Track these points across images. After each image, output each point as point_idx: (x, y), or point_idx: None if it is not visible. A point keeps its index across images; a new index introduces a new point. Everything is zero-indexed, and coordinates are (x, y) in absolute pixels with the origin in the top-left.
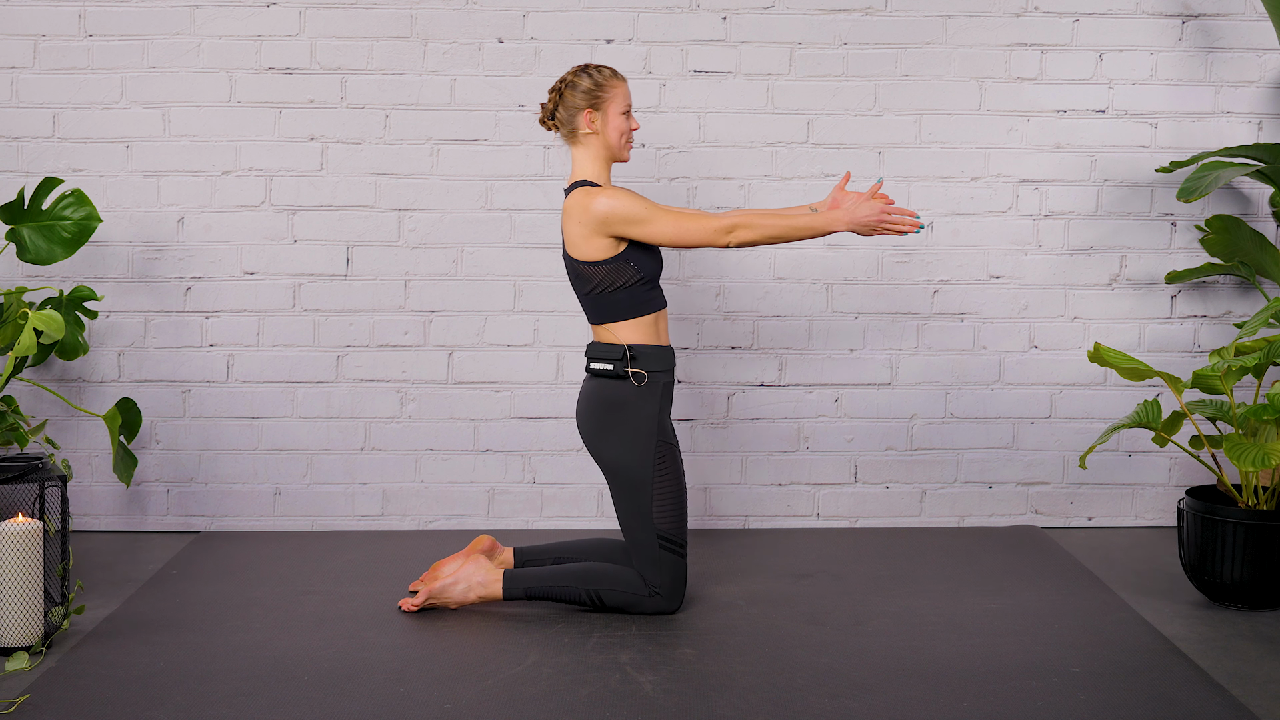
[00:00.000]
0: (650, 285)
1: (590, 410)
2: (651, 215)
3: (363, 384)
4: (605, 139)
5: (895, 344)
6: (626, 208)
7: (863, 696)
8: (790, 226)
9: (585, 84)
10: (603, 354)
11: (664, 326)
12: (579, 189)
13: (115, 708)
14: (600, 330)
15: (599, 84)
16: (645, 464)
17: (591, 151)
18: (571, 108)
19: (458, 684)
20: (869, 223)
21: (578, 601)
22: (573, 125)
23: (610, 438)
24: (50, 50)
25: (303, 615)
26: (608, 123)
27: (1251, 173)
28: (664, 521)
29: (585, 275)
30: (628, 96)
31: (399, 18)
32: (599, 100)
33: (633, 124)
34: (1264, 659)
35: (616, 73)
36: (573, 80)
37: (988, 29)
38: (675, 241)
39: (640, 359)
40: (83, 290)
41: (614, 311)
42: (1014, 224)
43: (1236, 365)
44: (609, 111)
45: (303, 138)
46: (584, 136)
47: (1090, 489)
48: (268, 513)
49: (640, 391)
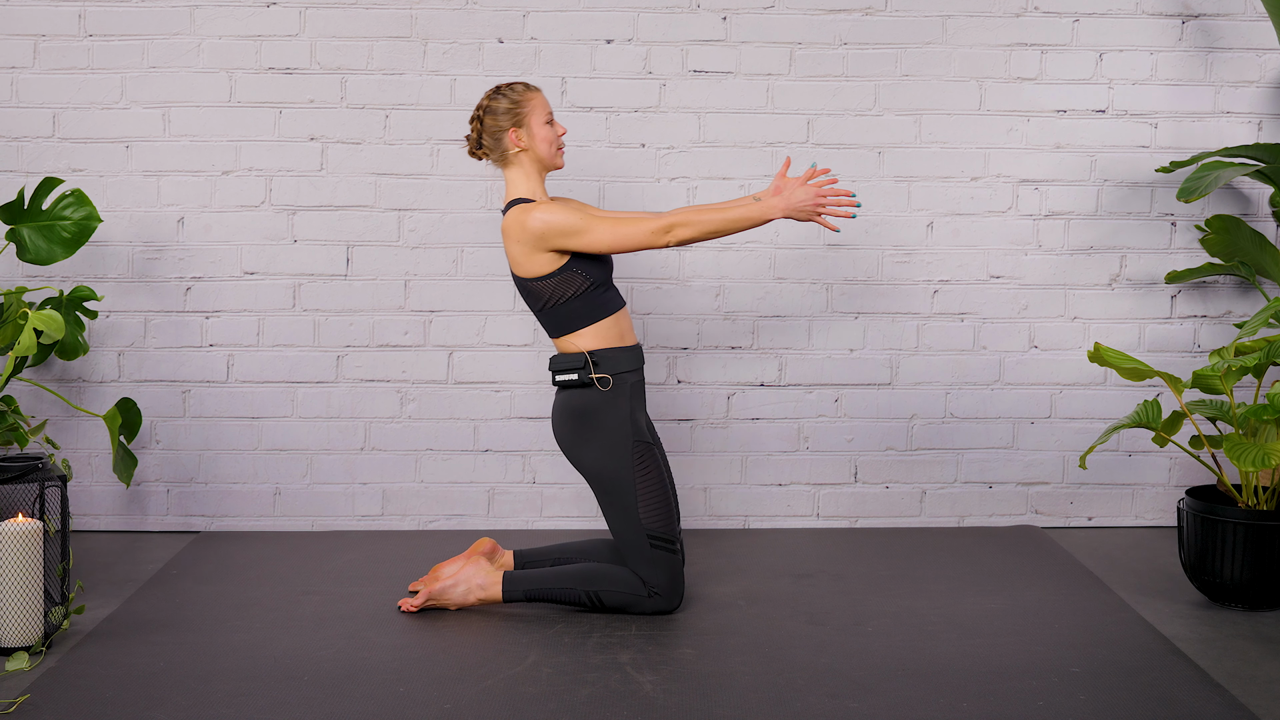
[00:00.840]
0: (602, 289)
1: (563, 422)
2: (587, 225)
3: (363, 384)
4: (535, 152)
5: (895, 344)
6: (562, 220)
7: (863, 696)
8: (728, 219)
9: (503, 105)
10: (565, 365)
11: (626, 325)
12: (514, 207)
13: (115, 708)
14: (562, 342)
15: (516, 101)
16: (625, 466)
17: (524, 168)
18: (495, 131)
19: (458, 684)
20: (805, 207)
21: (578, 603)
22: (501, 148)
23: (587, 446)
24: (50, 50)
25: (303, 615)
26: (534, 135)
27: (1251, 173)
28: (652, 520)
29: (535, 291)
30: (546, 105)
31: (399, 18)
32: (520, 116)
33: (559, 129)
34: (1264, 659)
35: (529, 85)
36: (489, 105)
37: (988, 29)
38: (614, 248)
39: (604, 363)
40: (83, 290)
41: (571, 322)
42: (1014, 224)
43: (1236, 365)
44: (532, 124)
45: (303, 138)
46: (514, 156)
47: (1090, 489)
48: (268, 513)
49: (608, 396)
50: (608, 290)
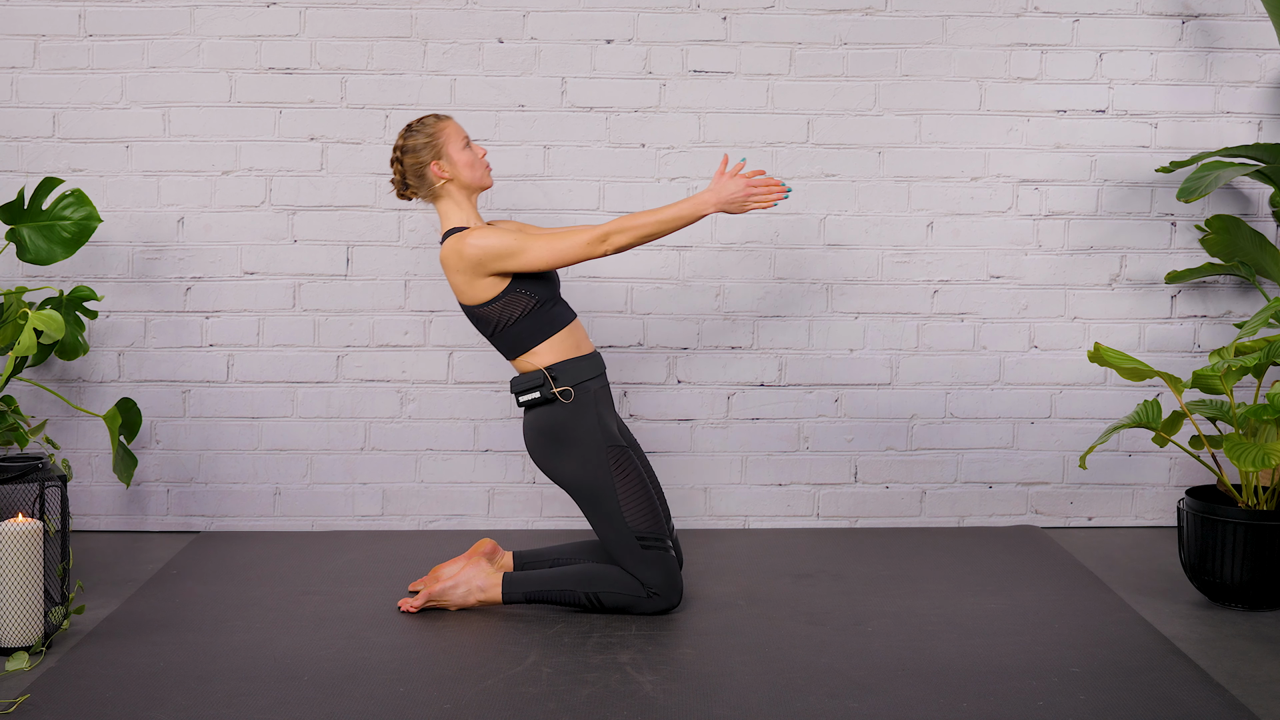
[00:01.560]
0: (550, 305)
1: (535, 441)
2: (523, 246)
3: (363, 384)
4: (460, 179)
5: (895, 344)
6: (497, 244)
7: (863, 696)
8: (662, 220)
9: (418, 140)
10: (526, 385)
11: (581, 335)
12: (449, 238)
13: (115, 708)
14: (518, 362)
15: (431, 134)
16: (603, 473)
17: (453, 198)
18: (417, 168)
19: (458, 684)
20: (736, 199)
21: (577, 604)
22: (427, 183)
23: (562, 460)
24: (50, 50)
25: (303, 615)
26: (455, 163)
27: (1251, 173)
28: (638, 522)
29: (483, 317)
30: (460, 130)
31: (399, 18)
32: (438, 148)
33: (478, 151)
34: (1264, 659)
35: (440, 115)
36: (403, 144)
37: (988, 29)
38: (552, 264)
39: (563, 375)
40: (83, 290)
41: (523, 342)
42: (1014, 224)
43: (1236, 365)
44: (451, 153)
45: (303, 138)
46: (441, 188)
47: (1090, 489)
48: (268, 513)
49: (574, 408)
50: (556, 305)
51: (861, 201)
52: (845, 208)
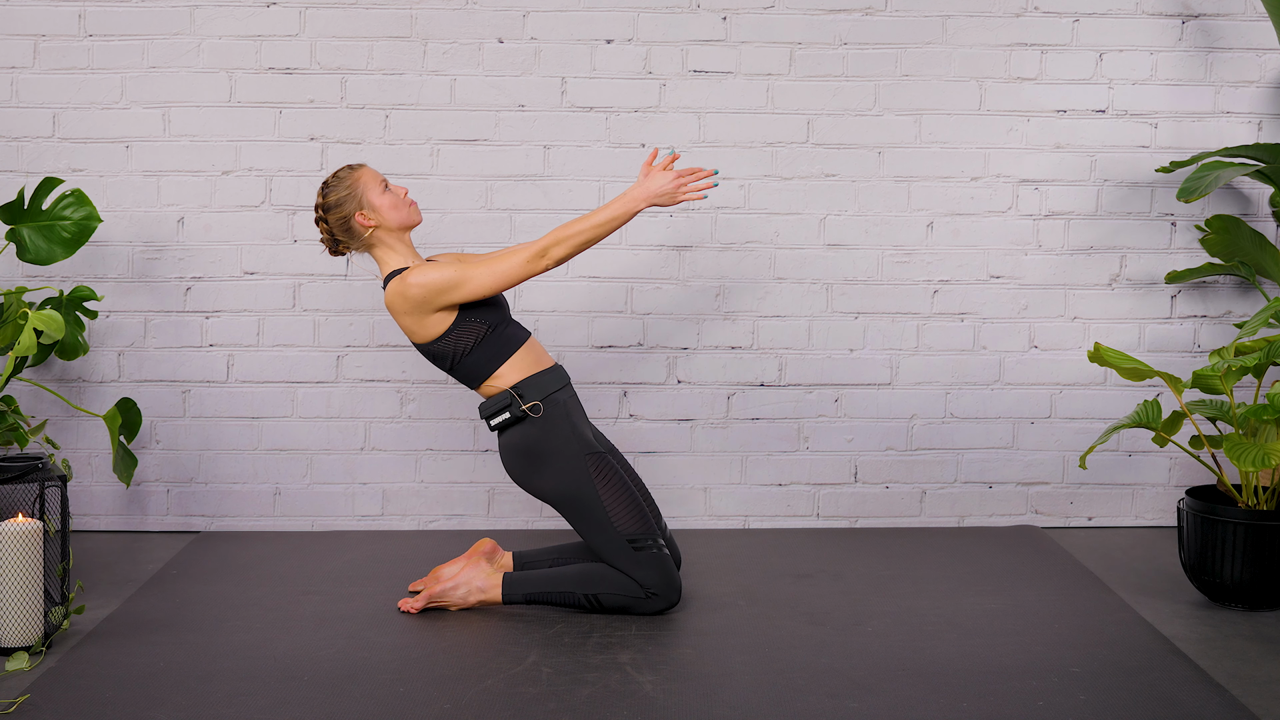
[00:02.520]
0: (502, 328)
1: (513, 462)
2: (464, 276)
3: (363, 384)
4: (386, 224)
5: (895, 344)
6: (438, 278)
7: (863, 696)
8: (597, 224)
9: (337, 195)
10: (495, 407)
11: (540, 351)
12: (391, 281)
13: (115, 708)
14: (483, 388)
15: (348, 186)
16: (585, 481)
17: (385, 243)
18: (341, 223)
19: (458, 684)
20: (665, 191)
21: (577, 605)
22: (356, 235)
23: (542, 475)
24: (50, 50)
25: (303, 615)
26: (378, 209)
27: (1251, 173)
28: (626, 524)
29: (439, 353)
30: (376, 175)
31: (399, 18)
32: (358, 198)
33: (400, 191)
34: (1264, 659)
35: (352, 166)
36: (322, 203)
37: (988, 29)
38: (496, 288)
39: (529, 391)
40: (83, 290)
41: (483, 368)
42: (1014, 224)
43: (1236, 365)
44: (371, 199)
45: (303, 138)
46: (371, 235)
47: (1090, 489)
48: (268, 513)
49: (545, 422)
50: (508, 327)
51: (861, 201)
52: (845, 208)
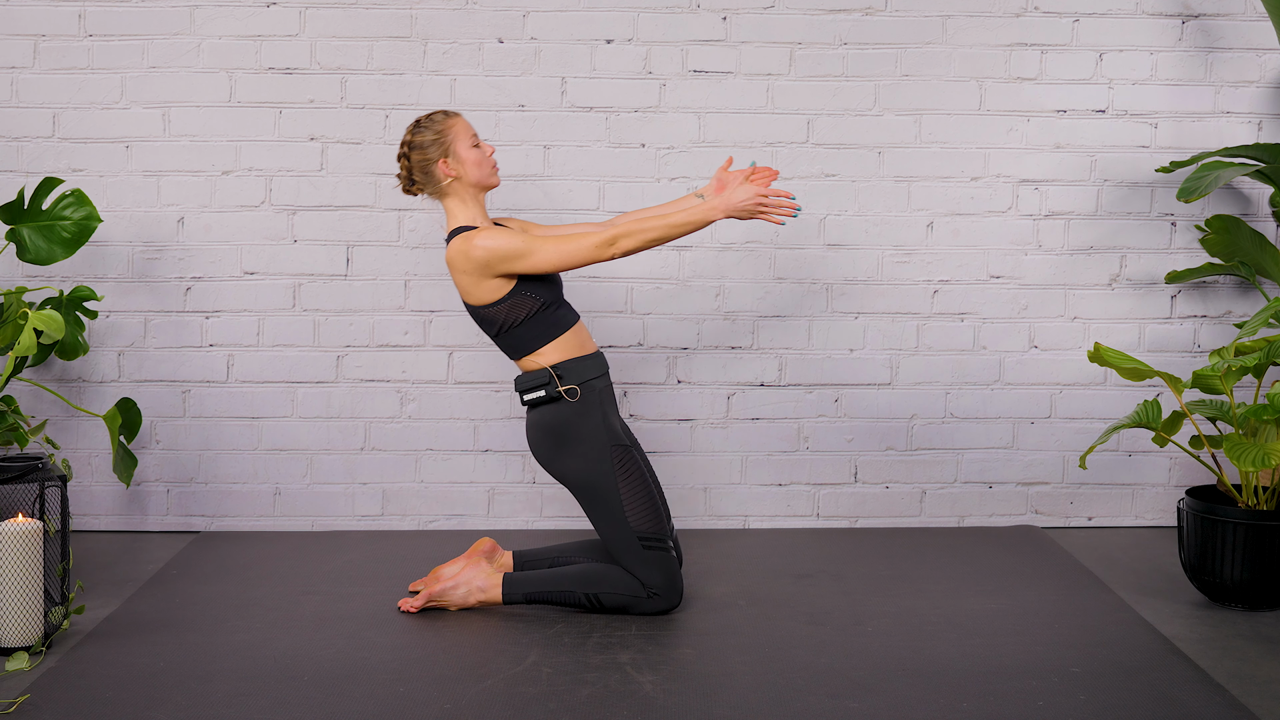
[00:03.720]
0: (554, 308)
1: (539, 439)
2: (530, 248)
3: (363, 384)
4: (467, 178)
5: (895, 344)
6: (505, 245)
7: (863, 696)
8: (671, 225)
9: (426, 137)
10: (531, 383)
11: (585, 336)
12: (456, 237)
13: (115, 708)
14: (523, 362)
15: (439, 131)
16: (606, 473)
17: (460, 196)
18: (424, 165)
19: (458, 684)
20: (746, 207)
21: (577, 604)
22: (434, 180)
23: (565, 458)
24: (50, 50)
25: (303, 615)
26: (463, 161)
27: (1251, 173)
28: (640, 521)
29: (488, 318)
30: (469, 128)
31: (399, 18)
32: (446, 145)
33: (486, 149)
34: (1264, 659)
35: (449, 113)
36: (411, 140)
37: (988, 29)
38: (559, 267)
39: (568, 374)
40: (83, 290)
41: (528, 342)
42: (1014, 224)
43: (1236, 365)
44: (459, 151)
45: (303, 138)
46: (448, 185)
47: (1090, 489)
48: (268, 513)
49: (578, 407)
50: (560, 308)
51: (861, 201)
52: (845, 208)
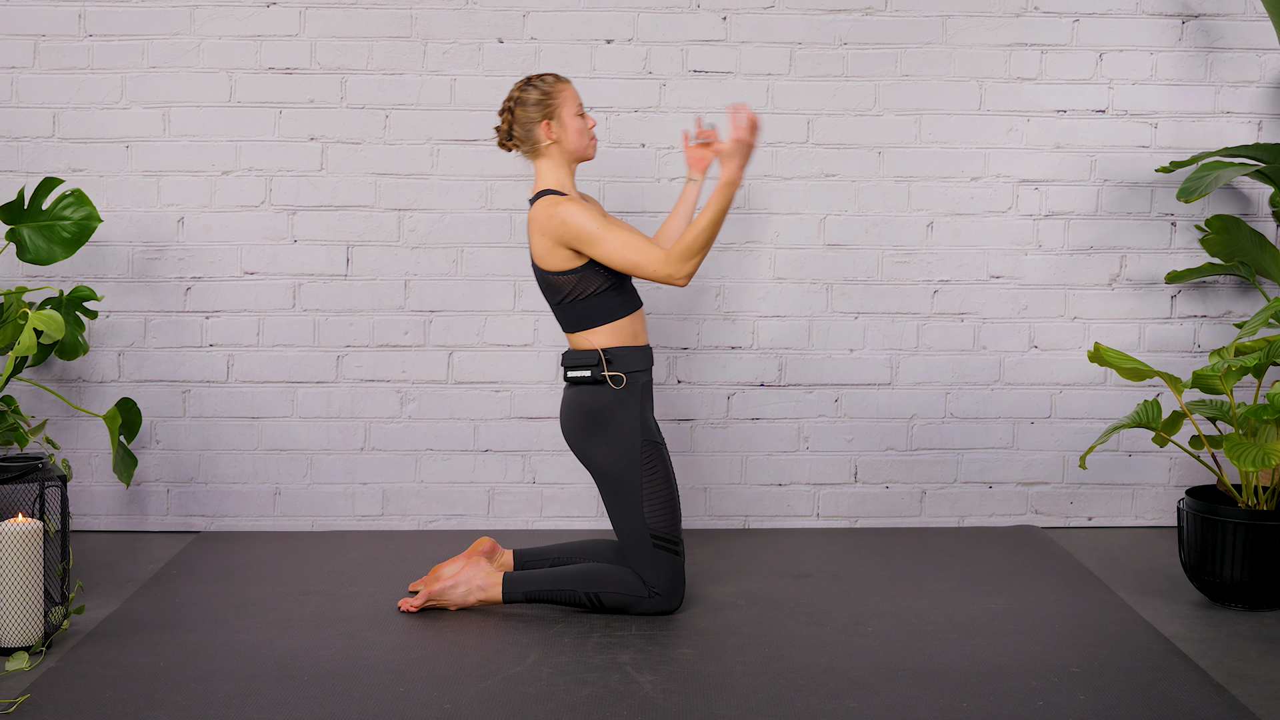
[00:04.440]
0: (620, 290)
1: (573, 418)
2: (601, 238)
3: (363, 384)
4: (566, 144)
5: (895, 344)
6: (583, 227)
7: (863, 696)
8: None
9: (533, 96)
10: (579, 361)
11: (640, 327)
12: (543, 199)
13: (115, 708)
14: (575, 338)
15: (546, 93)
16: (633, 465)
17: (554, 160)
18: (526, 123)
19: (458, 684)
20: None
21: (577, 604)
22: (532, 140)
23: (596, 443)
24: (50, 50)
25: (303, 615)
26: (566, 127)
27: (1251, 173)
28: (656, 520)
29: (554, 285)
30: (577, 96)
31: (399, 18)
32: (552, 108)
33: (589, 121)
34: (1264, 659)
35: (559, 76)
36: (520, 96)
37: (988, 29)
38: (618, 268)
39: (617, 361)
40: (83, 290)
41: (587, 319)
42: (1014, 224)
43: (1236, 365)
44: (564, 116)
45: (303, 138)
46: (546, 148)
47: (1090, 489)
48: (268, 513)
49: (620, 394)
50: (625, 292)
51: (861, 201)
52: (845, 208)
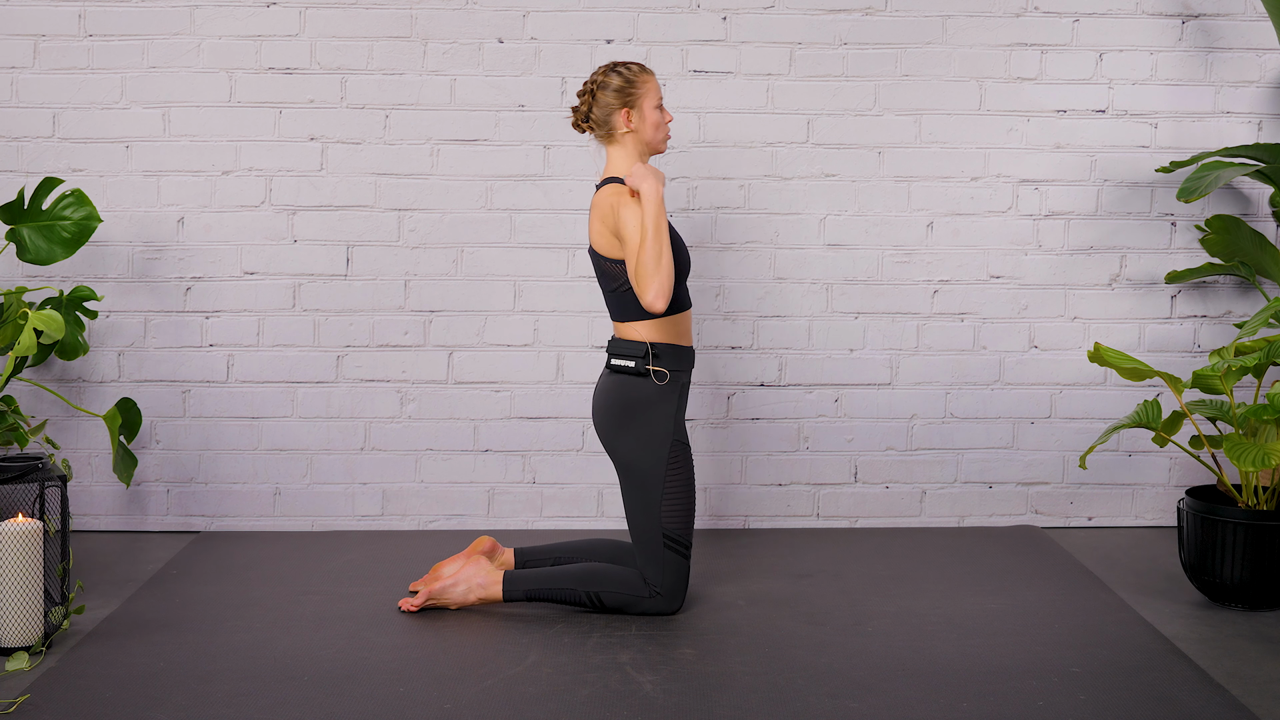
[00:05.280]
0: (675, 288)
1: (608, 406)
2: (631, 250)
3: (363, 384)
4: (642, 135)
5: (895, 344)
6: (631, 228)
7: (863, 696)
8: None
9: (616, 82)
10: (625, 351)
11: (687, 327)
12: (610, 185)
13: (115, 708)
14: (623, 327)
15: (630, 81)
16: (659, 463)
17: (627, 149)
18: (606, 108)
19: (458, 684)
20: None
21: (577, 603)
22: (609, 125)
23: (626, 435)
24: (50, 50)
25: (303, 615)
26: (644, 119)
27: (1251, 173)
28: (671, 521)
29: (609, 272)
30: (659, 89)
31: (399, 18)
32: (632, 97)
33: (666, 116)
34: (1264, 659)
35: (645, 67)
36: (603, 80)
37: (988, 29)
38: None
39: (662, 357)
40: (83, 290)
41: (635, 310)
42: (1014, 224)
43: (1236, 365)
44: (644, 107)
45: (303, 138)
46: (621, 135)
47: (1090, 489)
48: (268, 513)
49: (660, 390)
50: (680, 289)
51: (861, 201)
52: (845, 208)
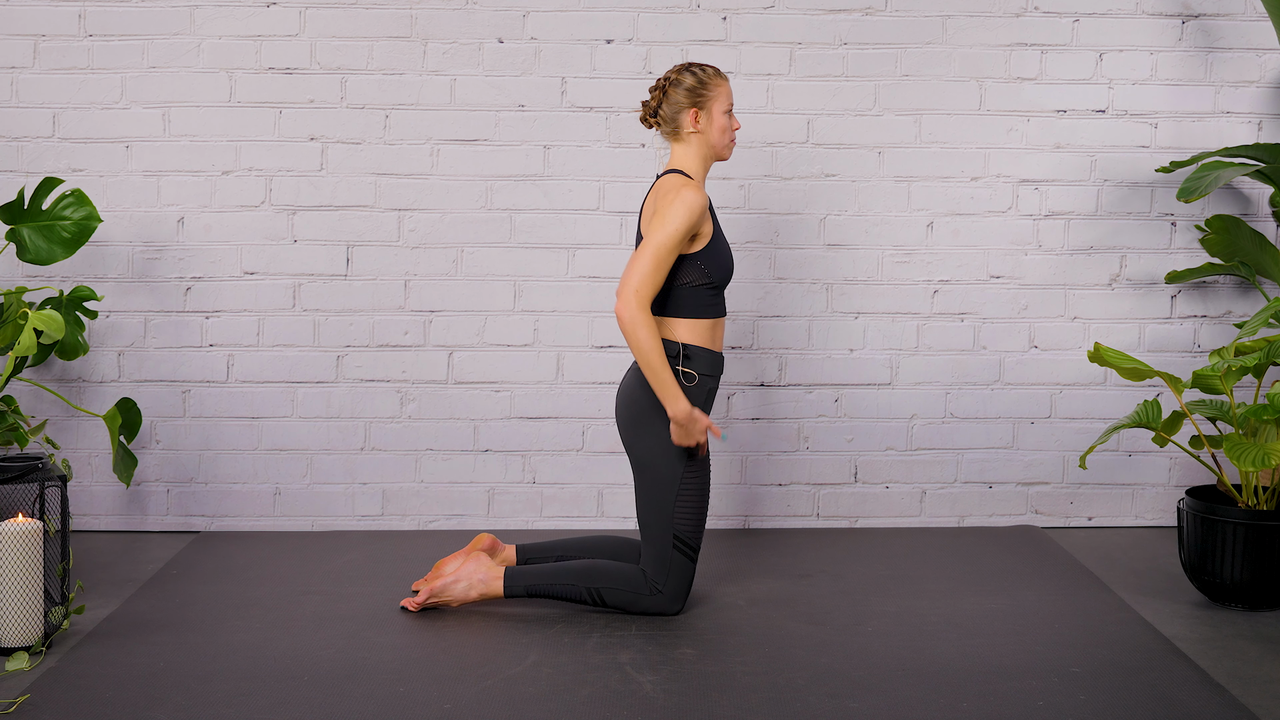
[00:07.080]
0: (715, 291)
1: (632, 402)
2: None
3: (363, 384)
4: (709, 138)
5: (895, 344)
6: (675, 223)
7: (863, 696)
8: (651, 367)
9: (689, 82)
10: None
11: (720, 334)
12: (674, 175)
13: (115, 708)
14: (661, 323)
15: (703, 82)
16: (677, 465)
17: (692, 150)
18: (675, 105)
19: (458, 684)
20: (693, 432)
21: (578, 600)
22: (676, 123)
23: (647, 432)
24: (50, 50)
25: (303, 615)
26: (712, 122)
27: (1251, 173)
28: (683, 523)
29: None
30: (730, 95)
31: (399, 18)
32: (703, 99)
33: (735, 124)
34: (1264, 659)
35: (719, 71)
36: (676, 79)
37: (988, 29)
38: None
39: (693, 360)
40: (83, 290)
41: (675, 307)
42: (1014, 224)
43: (1236, 365)
44: (713, 111)
45: (303, 138)
46: (687, 135)
47: (1090, 489)
48: (268, 513)
49: (688, 393)
50: (718, 295)
51: (861, 201)
52: (845, 208)
